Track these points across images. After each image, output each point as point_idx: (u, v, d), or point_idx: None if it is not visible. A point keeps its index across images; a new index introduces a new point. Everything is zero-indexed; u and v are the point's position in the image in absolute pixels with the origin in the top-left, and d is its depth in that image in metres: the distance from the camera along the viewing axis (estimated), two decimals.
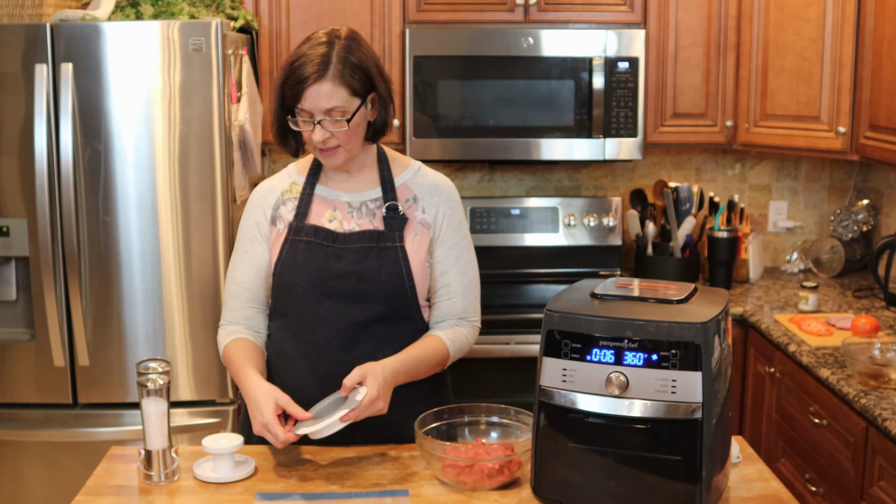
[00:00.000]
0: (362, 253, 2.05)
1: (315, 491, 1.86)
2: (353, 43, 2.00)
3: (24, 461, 3.08)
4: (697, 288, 1.80)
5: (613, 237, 3.73)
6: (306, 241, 2.06)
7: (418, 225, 2.10)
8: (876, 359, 2.52)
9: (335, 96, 1.96)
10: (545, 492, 1.74)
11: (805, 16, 3.24)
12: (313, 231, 2.07)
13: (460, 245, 2.13)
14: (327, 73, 1.95)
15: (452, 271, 2.12)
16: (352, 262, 2.04)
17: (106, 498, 1.86)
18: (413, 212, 2.10)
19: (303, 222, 2.08)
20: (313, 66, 1.95)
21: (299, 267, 2.05)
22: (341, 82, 1.96)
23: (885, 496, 2.28)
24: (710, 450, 1.62)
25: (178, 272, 2.99)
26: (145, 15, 3.08)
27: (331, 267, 2.04)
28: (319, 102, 1.96)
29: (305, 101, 1.96)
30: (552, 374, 1.69)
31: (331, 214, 2.09)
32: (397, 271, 2.05)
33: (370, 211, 2.10)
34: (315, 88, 1.95)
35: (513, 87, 3.39)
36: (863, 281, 3.62)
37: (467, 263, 2.14)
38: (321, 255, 2.05)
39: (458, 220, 2.14)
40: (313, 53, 1.96)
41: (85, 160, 2.93)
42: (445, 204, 2.13)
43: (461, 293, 2.12)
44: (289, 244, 2.07)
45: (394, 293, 2.05)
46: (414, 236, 2.09)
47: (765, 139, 3.43)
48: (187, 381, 3.04)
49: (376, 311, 2.05)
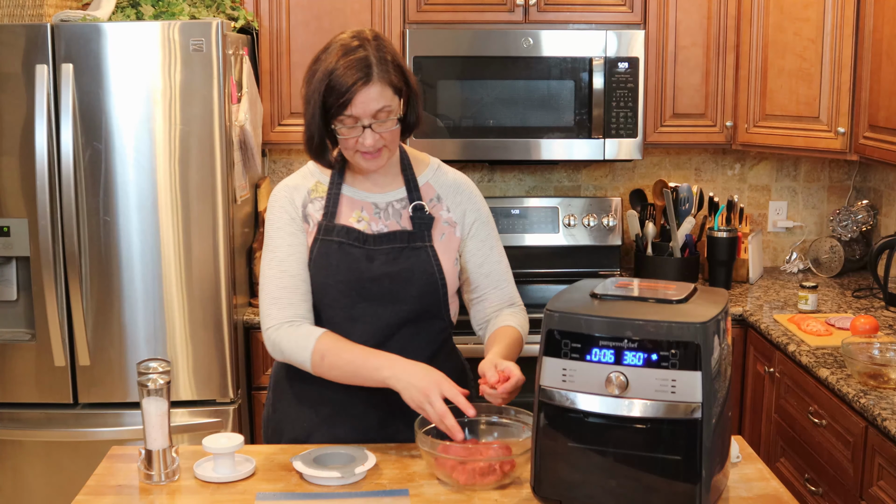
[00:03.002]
0: (393, 254, 2.04)
1: (315, 491, 1.86)
2: (382, 41, 1.99)
3: (24, 461, 3.08)
4: (697, 288, 1.81)
5: (613, 237, 3.73)
6: (338, 242, 2.04)
7: (444, 224, 2.11)
8: (875, 359, 2.52)
9: (383, 97, 1.94)
10: (545, 491, 1.74)
11: (804, 16, 3.25)
12: (345, 231, 2.04)
13: (491, 236, 2.17)
14: (372, 76, 1.93)
15: (489, 261, 2.15)
16: (384, 263, 2.03)
17: (106, 498, 1.86)
18: (438, 211, 2.11)
19: (332, 222, 2.05)
20: (356, 71, 1.92)
21: (332, 269, 2.03)
22: (386, 82, 1.94)
23: (884, 496, 2.28)
24: (709, 449, 1.62)
25: (179, 272, 2.99)
26: (146, 15, 3.08)
27: (364, 269, 2.03)
28: (370, 106, 1.94)
29: (355, 108, 1.93)
30: (552, 373, 1.69)
31: (358, 215, 2.07)
32: (430, 271, 2.05)
33: (396, 211, 2.09)
34: (364, 93, 1.92)
35: (513, 87, 3.39)
36: (862, 281, 3.62)
37: (501, 252, 2.19)
38: (354, 256, 2.03)
39: (485, 213, 2.18)
40: (351, 59, 1.93)
41: (85, 160, 2.94)
42: (469, 202, 2.15)
43: (505, 280, 2.18)
44: (319, 244, 2.05)
45: (427, 293, 2.06)
46: (441, 235, 2.10)
47: (764, 139, 3.43)
48: (187, 381, 3.05)
49: (409, 311, 2.06)
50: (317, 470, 1.88)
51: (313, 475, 1.88)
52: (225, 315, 3.03)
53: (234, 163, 3.05)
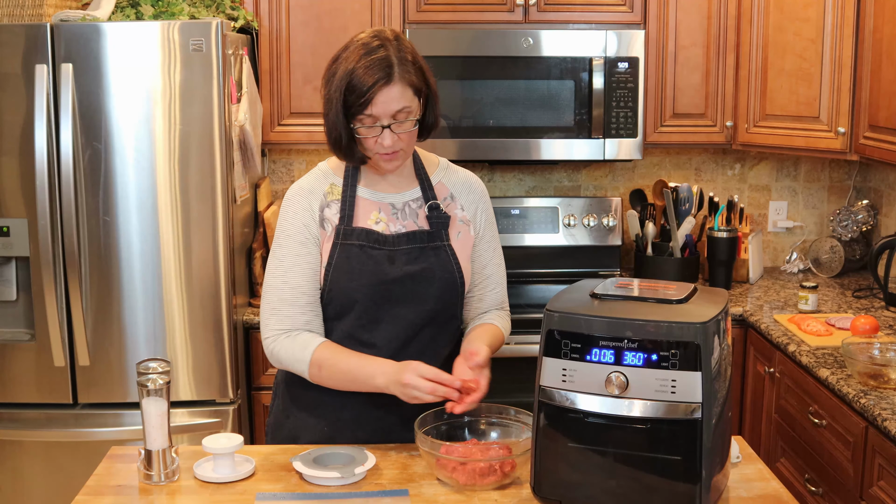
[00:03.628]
0: (414, 254, 2.04)
1: (315, 491, 1.86)
2: (402, 41, 1.97)
3: (24, 461, 3.08)
4: (697, 288, 1.81)
5: (613, 237, 3.73)
6: (359, 245, 2.03)
7: (460, 223, 2.12)
8: (875, 359, 2.52)
9: (404, 97, 1.94)
10: (545, 491, 1.74)
11: (804, 16, 3.25)
12: (364, 234, 2.03)
13: (495, 238, 2.20)
14: (394, 76, 1.92)
15: (492, 263, 2.18)
16: (405, 263, 2.03)
17: (106, 498, 1.86)
18: (452, 210, 2.12)
19: (351, 226, 2.04)
20: (377, 70, 1.90)
21: (355, 272, 2.02)
22: (407, 82, 1.94)
23: (884, 496, 2.28)
24: (709, 450, 1.62)
25: (179, 272, 2.99)
26: (145, 15, 3.08)
27: (386, 271, 2.02)
28: (390, 106, 1.93)
29: (375, 107, 1.92)
30: (552, 374, 1.69)
31: (376, 216, 2.06)
32: (450, 269, 2.06)
33: (413, 211, 2.09)
34: (385, 92, 1.91)
35: (513, 87, 3.39)
36: (862, 281, 3.62)
37: (501, 255, 2.22)
38: (375, 259, 2.02)
39: (492, 214, 2.20)
40: (373, 58, 1.91)
41: (85, 160, 2.93)
42: (480, 200, 2.17)
43: (500, 283, 2.20)
44: (339, 248, 2.03)
45: (447, 292, 2.06)
46: (457, 234, 2.10)
47: (764, 139, 3.43)
48: (187, 381, 3.05)
49: (430, 311, 2.06)
50: (317, 470, 1.88)
51: (313, 475, 1.88)
52: (225, 315, 3.03)
53: (233, 163, 3.05)
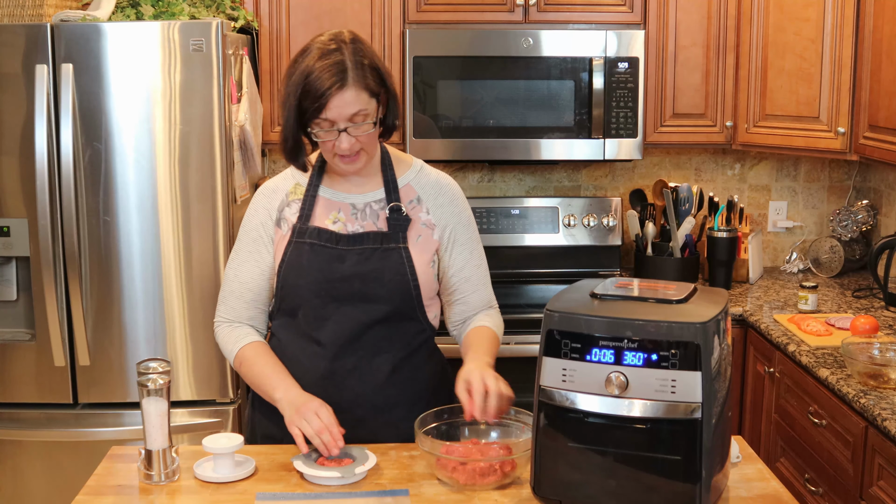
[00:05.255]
0: (366, 254, 2.05)
1: (315, 491, 1.86)
2: (360, 44, 1.99)
3: (24, 461, 3.08)
4: (697, 288, 1.81)
5: (613, 237, 3.73)
6: (310, 244, 2.06)
7: (422, 226, 2.11)
8: (875, 359, 2.52)
9: (359, 101, 1.95)
10: (545, 491, 1.74)
11: (804, 16, 3.25)
12: (317, 233, 2.07)
13: (472, 239, 2.18)
14: (347, 80, 1.93)
15: (470, 265, 2.17)
16: (355, 263, 2.05)
17: (106, 498, 1.86)
18: (417, 213, 2.11)
19: (306, 224, 2.08)
20: (331, 74, 1.92)
21: (303, 269, 2.06)
22: (362, 86, 1.95)
23: (884, 496, 2.28)
24: (709, 449, 1.62)
25: (179, 272, 2.99)
26: (146, 15, 3.08)
27: (335, 269, 2.05)
28: (344, 110, 1.94)
29: (330, 111, 1.94)
30: (552, 373, 1.69)
31: (335, 216, 2.09)
32: (402, 272, 2.06)
33: (374, 212, 2.10)
34: (339, 97, 1.93)
35: (513, 87, 3.39)
36: (862, 281, 3.62)
37: (480, 255, 2.20)
38: (325, 257, 2.05)
39: (467, 216, 2.18)
40: (327, 62, 1.93)
41: (85, 160, 2.94)
42: (451, 204, 2.15)
43: (483, 283, 2.20)
44: (293, 246, 2.08)
45: (398, 294, 2.06)
46: (418, 237, 2.10)
47: (764, 139, 3.43)
48: (187, 381, 3.05)
49: (380, 311, 2.06)
50: (317, 470, 1.88)
51: (313, 475, 1.88)
52: None
53: (233, 163, 3.05)
